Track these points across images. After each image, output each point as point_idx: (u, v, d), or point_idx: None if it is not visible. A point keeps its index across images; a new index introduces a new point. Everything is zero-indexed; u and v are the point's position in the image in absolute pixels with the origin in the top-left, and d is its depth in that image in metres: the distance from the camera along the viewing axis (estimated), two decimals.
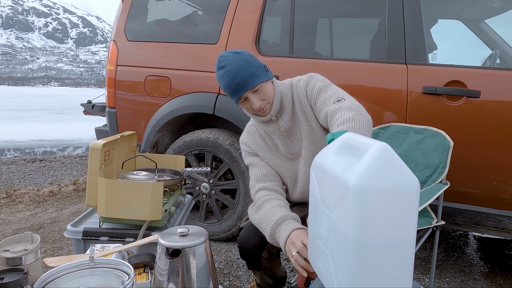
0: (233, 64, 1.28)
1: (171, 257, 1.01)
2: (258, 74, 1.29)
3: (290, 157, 1.46)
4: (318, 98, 1.34)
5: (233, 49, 1.33)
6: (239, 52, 1.31)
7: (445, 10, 2.83)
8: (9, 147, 9.57)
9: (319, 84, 1.36)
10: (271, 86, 1.35)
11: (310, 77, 1.40)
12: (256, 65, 1.30)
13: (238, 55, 1.30)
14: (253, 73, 1.28)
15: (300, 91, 1.40)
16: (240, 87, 1.28)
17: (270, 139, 1.48)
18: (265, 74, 1.32)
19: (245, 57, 1.30)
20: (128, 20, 2.77)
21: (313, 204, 0.98)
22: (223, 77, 1.30)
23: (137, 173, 1.66)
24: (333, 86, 1.37)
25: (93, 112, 3.29)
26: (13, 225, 2.96)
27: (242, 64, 1.28)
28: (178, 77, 2.57)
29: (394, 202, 0.63)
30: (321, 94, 1.34)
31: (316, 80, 1.38)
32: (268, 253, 1.46)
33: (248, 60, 1.29)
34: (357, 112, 1.17)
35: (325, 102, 1.30)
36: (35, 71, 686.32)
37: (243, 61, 1.29)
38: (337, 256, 0.72)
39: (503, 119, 1.87)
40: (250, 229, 1.41)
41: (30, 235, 1.13)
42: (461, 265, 2.42)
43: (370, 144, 0.68)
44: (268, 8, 2.43)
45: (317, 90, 1.35)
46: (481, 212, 1.98)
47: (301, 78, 1.43)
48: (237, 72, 1.27)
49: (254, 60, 1.31)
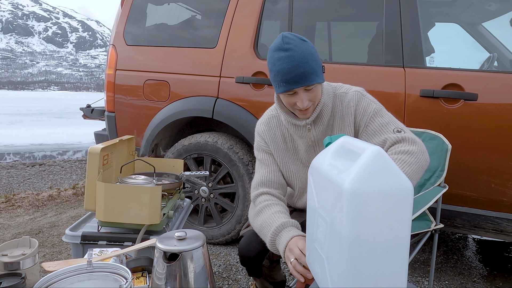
0: (299, 51, 1.15)
1: (169, 261, 1.02)
2: (318, 73, 1.18)
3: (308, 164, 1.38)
4: (373, 122, 1.28)
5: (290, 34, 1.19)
6: (306, 41, 1.19)
7: (443, 14, 2.85)
8: (9, 151, 9.58)
9: (373, 106, 1.29)
10: (320, 90, 1.26)
11: (361, 95, 1.31)
12: (319, 62, 1.20)
13: (305, 43, 1.18)
14: (315, 70, 1.17)
15: (345, 106, 1.31)
16: (297, 79, 1.16)
17: (292, 141, 1.39)
18: (322, 75, 1.22)
19: (311, 48, 1.18)
20: (127, 24, 2.78)
21: (310, 208, 0.99)
22: (283, 61, 1.16)
23: (135, 177, 1.66)
24: (385, 110, 1.32)
25: (92, 117, 3.30)
26: (12, 230, 2.96)
27: (308, 55, 1.16)
28: (177, 81, 2.58)
29: (388, 205, 0.64)
30: (376, 118, 1.28)
31: (369, 101, 1.31)
32: (269, 261, 1.45)
33: (314, 54, 1.18)
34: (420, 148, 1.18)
35: (382, 129, 1.25)
36: (35, 75, 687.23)
37: (309, 52, 1.16)
38: (333, 259, 0.72)
39: (500, 122, 1.88)
40: (251, 238, 1.37)
41: (28, 239, 1.13)
42: (460, 267, 2.42)
43: (364, 147, 0.68)
44: (267, 12, 2.44)
45: (371, 112, 1.28)
46: (479, 215, 1.98)
47: (347, 92, 1.33)
48: (301, 63, 1.15)
49: (317, 55, 1.20)
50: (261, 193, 1.36)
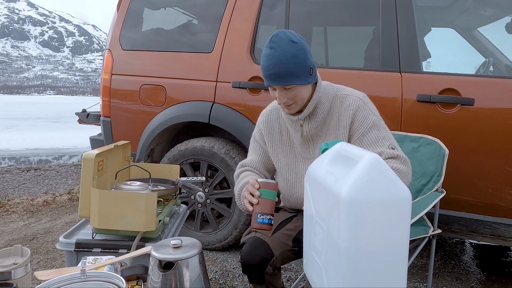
0: (281, 52, 1.22)
1: (164, 269, 1.00)
2: (297, 75, 1.24)
3: (302, 158, 1.46)
4: (370, 133, 1.33)
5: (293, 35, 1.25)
6: (295, 42, 1.23)
7: (439, 19, 2.86)
8: (4, 156, 9.52)
9: (372, 118, 1.34)
10: (307, 90, 1.31)
11: (362, 103, 1.36)
12: (301, 64, 1.24)
13: (292, 44, 1.23)
14: (293, 72, 1.23)
15: (345, 108, 1.36)
16: (274, 78, 1.24)
17: (287, 134, 1.47)
18: (305, 77, 1.26)
19: (295, 50, 1.22)
20: (123, 29, 2.77)
21: (307, 215, 0.98)
22: (266, 58, 1.25)
23: (130, 183, 1.65)
24: (383, 123, 1.38)
25: (88, 121, 3.27)
26: (6, 236, 2.92)
27: (288, 57, 1.21)
28: (173, 85, 2.57)
29: (386, 214, 0.63)
30: (373, 130, 1.33)
31: (369, 110, 1.36)
32: (272, 268, 1.44)
33: (296, 56, 1.22)
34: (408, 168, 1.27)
35: (378, 142, 1.32)
36: (31, 80, 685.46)
37: (290, 54, 1.22)
38: (330, 268, 0.71)
39: (497, 126, 1.88)
40: (254, 244, 1.37)
41: (20, 248, 1.11)
42: (458, 273, 2.41)
43: (361, 155, 0.67)
44: (263, 17, 2.44)
45: (370, 123, 1.33)
46: (477, 220, 1.98)
47: (349, 95, 1.38)
48: (279, 63, 1.22)
49: (302, 58, 1.24)
50: (245, 170, 1.53)
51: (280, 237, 1.40)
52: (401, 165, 1.25)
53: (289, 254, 1.41)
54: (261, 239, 1.38)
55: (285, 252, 1.39)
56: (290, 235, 1.42)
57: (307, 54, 1.25)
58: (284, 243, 1.39)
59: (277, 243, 1.38)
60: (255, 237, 1.39)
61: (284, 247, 1.39)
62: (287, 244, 1.40)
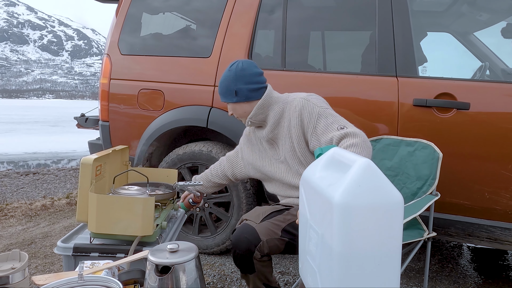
0: (221, 78, 1.62)
1: (161, 273, 1.01)
2: (224, 95, 1.61)
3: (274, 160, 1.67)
4: (319, 123, 1.48)
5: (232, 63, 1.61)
6: (229, 70, 1.59)
7: (435, 23, 2.88)
8: (3, 160, 9.51)
9: (317, 110, 1.50)
10: (239, 107, 1.61)
11: (305, 101, 1.53)
12: (228, 87, 1.59)
13: (226, 72, 1.60)
14: (222, 93, 1.62)
15: (293, 111, 1.55)
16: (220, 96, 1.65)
17: (259, 142, 1.73)
18: (231, 97, 1.59)
19: (226, 77, 1.59)
20: (122, 34, 2.78)
21: (302, 219, 0.99)
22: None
23: (128, 187, 1.65)
24: (330, 110, 1.52)
25: (86, 126, 3.28)
26: (4, 240, 2.92)
27: (221, 81, 1.61)
28: (171, 90, 2.58)
29: (378, 218, 0.64)
30: (321, 119, 1.48)
31: (313, 105, 1.51)
32: (259, 253, 1.49)
33: (224, 81, 1.59)
34: (361, 139, 1.36)
35: (328, 128, 1.46)
36: (30, 84, 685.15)
37: (223, 80, 1.60)
38: (324, 272, 0.72)
39: (493, 130, 1.89)
40: (242, 229, 1.49)
41: (18, 253, 1.12)
42: (455, 276, 2.42)
43: (354, 159, 0.68)
44: (261, 21, 2.46)
45: (316, 115, 1.49)
46: (473, 223, 1.99)
47: (295, 98, 1.57)
48: (219, 85, 1.63)
49: (229, 82, 1.58)
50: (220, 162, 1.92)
51: (268, 225, 1.50)
52: (354, 139, 1.35)
53: (278, 243, 1.49)
54: (249, 225, 1.50)
55: (272, 240, 1.47)
56: (279, 225, 1.50)
57: (234, 80, 1.57)
58: (272, 231, 1.48)
59: (264, 230, 1.48)
60: (244, 224, 1.52)
61: (271, 234, 1.48)
62: (275, 232, 1.48)
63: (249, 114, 1.61)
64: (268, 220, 1.52)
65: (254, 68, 1.61)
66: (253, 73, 1.59)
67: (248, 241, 1.46)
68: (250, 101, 1.60)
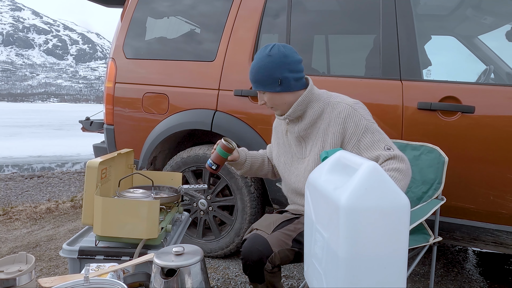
0: (257, 63, 1.45)
1: (166, 276, 1.01)
2: (265, 84, 1.45)
3: (297, 158, 1.58)
4: (364, 138, 1.40)
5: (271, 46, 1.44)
6: (270, 55, 1.42)
7: (439, 27, 2.88)
8: (8, 163, 9.56)
9: (364, 123, 1.41)
10: (280, 98, 1.47)
11: (352, 109, 1.44)
12: (270, 75, 1.42)
13: (267, 58, 1.42)
14: (262, 81, 1.45)
15: (335, 115, 1.45)
16: (252, 83, 1.50)
17: (285, 135, 1.63)
18: (273, 87, 1.44)
19: (266, 63, 1.42)
20: (127, 38, 2.80)
21: (308, 222, 0.99)
22: (251, 67, 1.48)
23: (133, 190, 1.66)
24: (376, 126, 1.44)
25: (91, 129, 3.30)
26: (9, 243, 2.94)
27: (260, 68, 1.43)
28: (176, 94, 2.59)
29: (384, 221, 0.64)
30: (367, 134, 1.40)
31: (360, 116, 1.43)
32: (271, 265, 1.46)
33: (267, 68, 1.42)
34: (407, 166, 1.33)
35: (374, 146, 1.39)
36: (35, 87, 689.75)
37: (263, 66, 1.43)
38: (330, 275, 0.72)
39: (498, 134, 1.88)
40: (254, 240, 1.43)
41: (25, 255, 1.12)
42: (461, 280, 2.40)
43: (361, 163, 0.68)
44: (265, 25, 2.47)
45: (363, 128, 1.41)
46: (479, 227, 1.97)
47: (341, 102, 1.47)
48: (254, 72, 1.46)
49: (273, 69, 1.42)
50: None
51: (280, 236, 1.45)
52: (400, 164, 1.31)
53: (288, 254, 1.44)
54: (261, 236, 1.44)
55: (284, 251, 1.43)
56: (290, 235, 1.46)
57: (279, 67, 1.42)
58: (283, 242, 1.44)
59: (276, 241, 1.43)
60: (255, 234, 1.46)
61: (283, 245, 1.43)
62: (286, 243, 1.44)
63: (289, 105, 1.48)
64: (279, 231, 1.47)
65: (296, 54, 1.47)
66: (296, 60, 1.45)
67: (260, 252, 1.40)
68: (294, 91, 1.48)
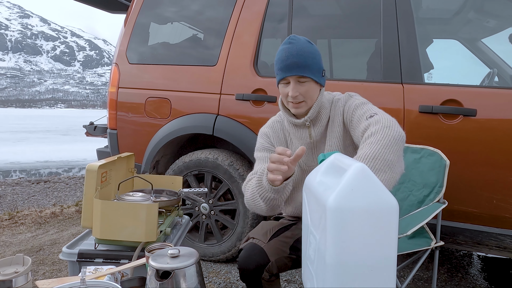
0: (299, 46, 1.29)
1: (161, 279, 1.01)
2: (312, 70, 1.31)
3: (305, 168, 1.47)
4: (354, 115, 1.35)
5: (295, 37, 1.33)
6: (311, 44, 1.33)
7: (441, 30, 2.87)
8: (15, 168, 9.66)
9: (356, 102, 1.37)
10: (316, 92, 1.37)
11: (349, 96, 1.43)
12: (316, 62, 1.32)
13: (309, 44, 1.32)
14: (309, 65, 1.30)
15: (337, 109, 1.41)
16: (290, 68, 1.29)
17: (291, 144, 1.49)
18: (318, 75, 1.34)
19: (313, 49, 1.31)
20: (130, 43, 2.83)
21: (304, 225, 0.98)
22: (284, 51, 1.31)
23: (133, 194, 1.66)
24: (369, 104, 1.37)
25: (95, 134, 3.32)
26: (13, 247, 2.96)
27: (306, 52, 1.29)
28: (178, 98, 2.61)
29: (371, 222, 0.63)
30: (356, 111, 1.34)
31: (354, 99, 1.40)
32: (268, 274, 1.45)
33: (314, 54, 1.31)
34: (383, 125, 1.17)
35: (360, 119, 1.31)
36: (42, 93, 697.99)
37: (308, 50, 1.30)
38: (320, 276, 0.71)
39: (500, 137, 1.87)
40: (250, 250, 1.40)
41: (22, 257, 1.13)
42: (465, 286, 2.37)
43: (350, 164, 0.68)
44: (266, 30, 2.48)
45: (353, 107, 1.36)
46: (482, 231, 1.95)
47: (340, 97, 1.44)
48: (297, 54, 1.28)
49: (318, 58, 1.33)
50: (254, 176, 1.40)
51: (277, 244, 1.42)
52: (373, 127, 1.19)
53: (286, 261, 1.42)
54: (258, 245, 1.40)
55: (281, 259, 1.40)
56: (287, 242, 1.43)
57: (320, 57, 1.34)
58: (280, 250, 1.41)
59: (273, 250, 1.40)
60: (252, 243, 1.42)
61: (280, 253, 1.40)
62: (283, 251, 1.41)
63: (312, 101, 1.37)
64: (276, 238, 1.44)
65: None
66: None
67: (257, 262, 1.37)
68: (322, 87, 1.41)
